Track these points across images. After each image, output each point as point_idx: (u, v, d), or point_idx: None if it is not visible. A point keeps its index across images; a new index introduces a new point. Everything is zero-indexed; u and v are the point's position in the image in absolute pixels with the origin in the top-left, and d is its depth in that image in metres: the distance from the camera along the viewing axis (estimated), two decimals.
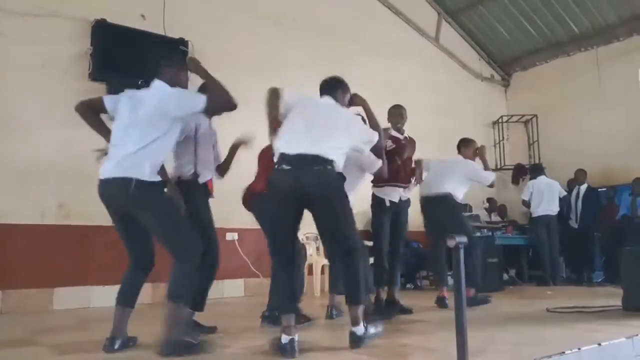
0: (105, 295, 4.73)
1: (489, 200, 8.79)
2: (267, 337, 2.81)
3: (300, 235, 6.00)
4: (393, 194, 4.46)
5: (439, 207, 4.93)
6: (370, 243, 5.07)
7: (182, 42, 5.91)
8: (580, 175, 7.97)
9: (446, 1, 9.25)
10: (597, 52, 8.89)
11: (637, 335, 2.97)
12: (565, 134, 9.04)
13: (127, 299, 2.82)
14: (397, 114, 4.59)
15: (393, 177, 4.33)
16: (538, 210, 7.57)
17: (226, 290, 5.98)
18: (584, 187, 7.92)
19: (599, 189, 8.16)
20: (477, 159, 5.26)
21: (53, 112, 5.17)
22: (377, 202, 4.48)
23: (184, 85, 3.01)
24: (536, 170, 8.13)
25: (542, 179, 7.78)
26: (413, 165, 4.74)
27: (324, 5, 7.56)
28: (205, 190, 3.35)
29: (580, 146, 8.62)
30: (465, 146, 5.24)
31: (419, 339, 3.18)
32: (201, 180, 3.26)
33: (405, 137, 4.61)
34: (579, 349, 2.60)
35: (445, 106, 8.83)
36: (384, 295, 4.45)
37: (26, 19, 5.16)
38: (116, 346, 2.72)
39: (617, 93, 8.49)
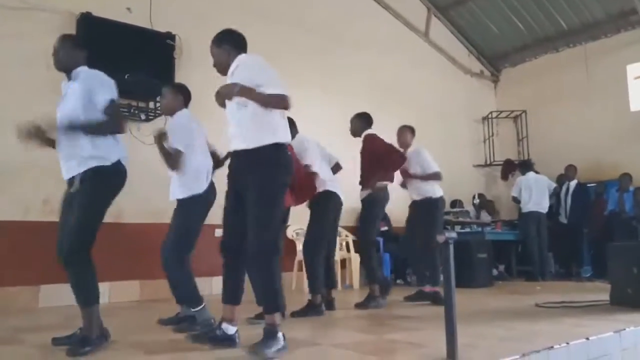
0: None
1: (480, 196, 8.75)
2: (246, 334, 2.77)
3: (290, 232, 6.01)
4: None
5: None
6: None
7: (170, 36, 5.82)
8: (570, 171, 8.02)
9: None
10: (585, 48, 8.94)
11: (624, 329, 3.00)
12: (554, 129, 9.08)
13: None
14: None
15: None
16: (528, 206, 7.59)
17: (215, 287, 5.93)
18: (573, 183, 7.97)
19: (588, 185, 8.21)
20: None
21: (37, 106, 5.02)
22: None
23: None
24: (525, 166, 8.15)
25: (530, 175, 7.80)
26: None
27: (313, 0, 7.51)
28: None
29: (569, 142, 8.67)
30: None
31: (408, 335, 3.18)
32: None
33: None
34: (568, 343, 2.61)
35: (435, 101, 8.83)
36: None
37: (9, 12, 5.05)
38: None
39: (605, 89, 8.55)
